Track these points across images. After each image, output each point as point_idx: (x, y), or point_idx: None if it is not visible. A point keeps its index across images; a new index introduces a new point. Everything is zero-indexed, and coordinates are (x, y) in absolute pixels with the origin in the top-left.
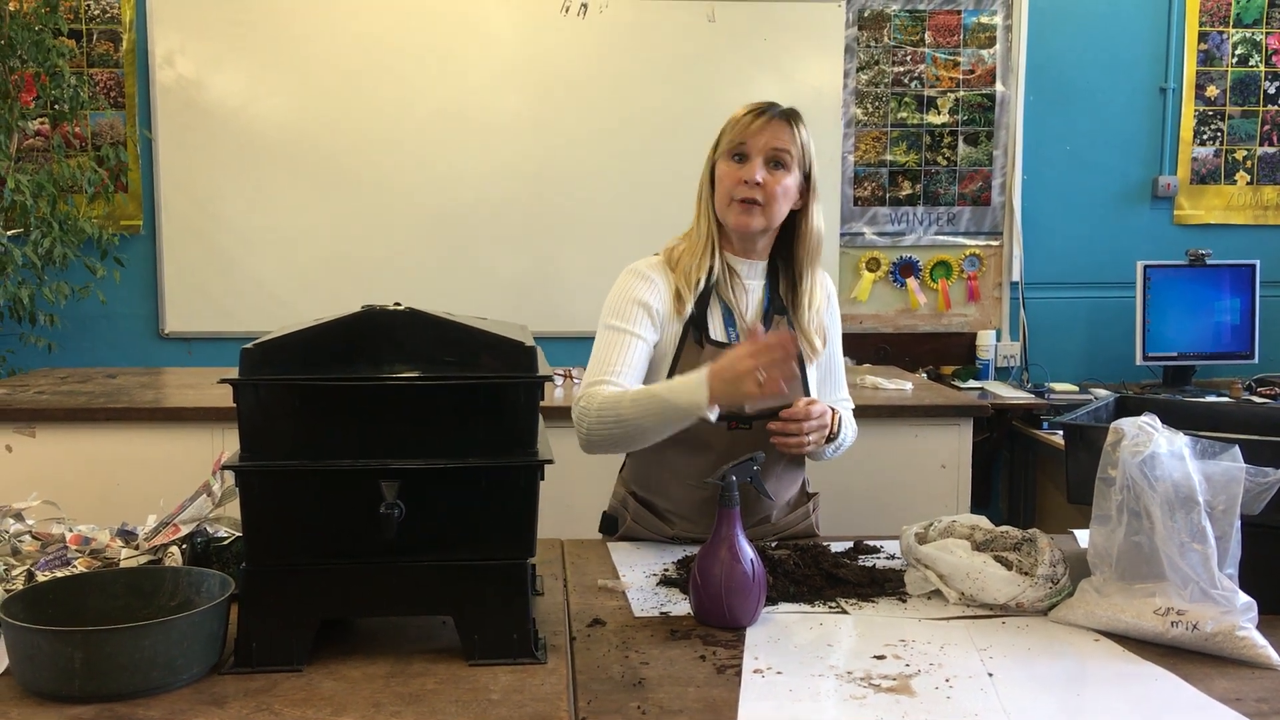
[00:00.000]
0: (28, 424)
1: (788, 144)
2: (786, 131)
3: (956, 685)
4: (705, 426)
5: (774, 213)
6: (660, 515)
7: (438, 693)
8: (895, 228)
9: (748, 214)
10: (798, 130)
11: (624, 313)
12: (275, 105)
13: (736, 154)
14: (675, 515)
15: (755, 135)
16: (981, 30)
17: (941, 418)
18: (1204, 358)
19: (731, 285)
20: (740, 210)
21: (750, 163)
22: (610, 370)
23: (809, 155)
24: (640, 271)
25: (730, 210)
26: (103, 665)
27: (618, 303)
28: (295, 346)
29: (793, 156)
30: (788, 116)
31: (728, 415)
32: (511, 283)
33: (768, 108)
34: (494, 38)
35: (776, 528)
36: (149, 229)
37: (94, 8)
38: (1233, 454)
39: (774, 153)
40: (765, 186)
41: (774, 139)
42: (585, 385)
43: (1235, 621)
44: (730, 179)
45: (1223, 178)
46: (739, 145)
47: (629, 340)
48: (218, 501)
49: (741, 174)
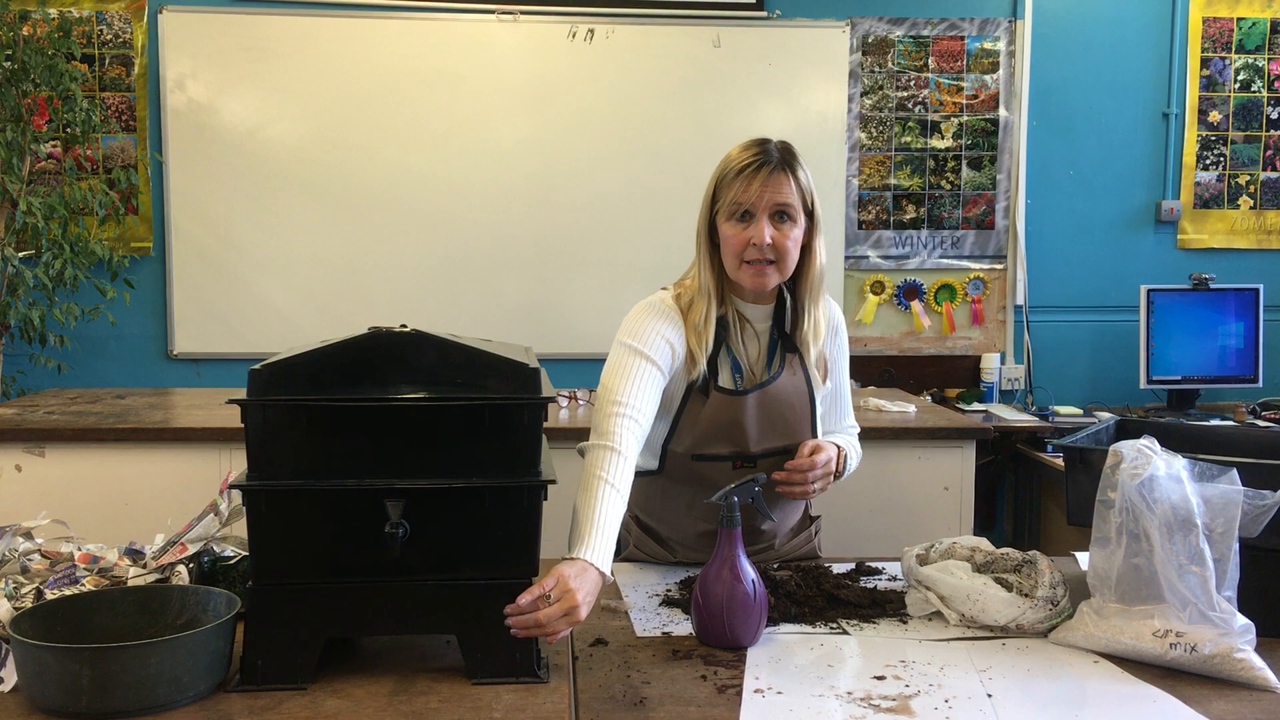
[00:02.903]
0: (37, 444)
1: (789, 196)
2: (787, 184)
3: (956, 706)
4: (709, 470)
5: (787, 266)
6: (662, 543)
7: (441, 711)
8: (899, 251)
9: (762, 275)
10: (797, 177)
11: (643, 336)
12: (285, 129)
13: (739, 214)
14: (678, 544)
15: (758, 196)
16: (985, 56)
17: (945, 440)
18: (1208, 381)
19: (741, 331)
20: (754, 273)
21: (756, 223)
22: (622, 393)
23: (810, 196)
24: (661, 309)
25: (743, 272)
26: (110, 682)
27: (640, 328)
28: (303, 367)
29: (797, 206)
30: (785, 164)
31: (731, 456)
32: (517, 305)
33: (763, 159)
34: (501, 63)
35: (779, 553)
36: (159, 251)
37: (106, 32)
38: (1231, 477)
39: (778, 208)
40: (775, 244)
41: (775, 194)
42: (597, 409)
43: (1233, 643)
44: (738, 242)
45: (1226, 202)
46: (741, 205)
47: (643, 366)
48: (225, 521)
49: (749, 236)
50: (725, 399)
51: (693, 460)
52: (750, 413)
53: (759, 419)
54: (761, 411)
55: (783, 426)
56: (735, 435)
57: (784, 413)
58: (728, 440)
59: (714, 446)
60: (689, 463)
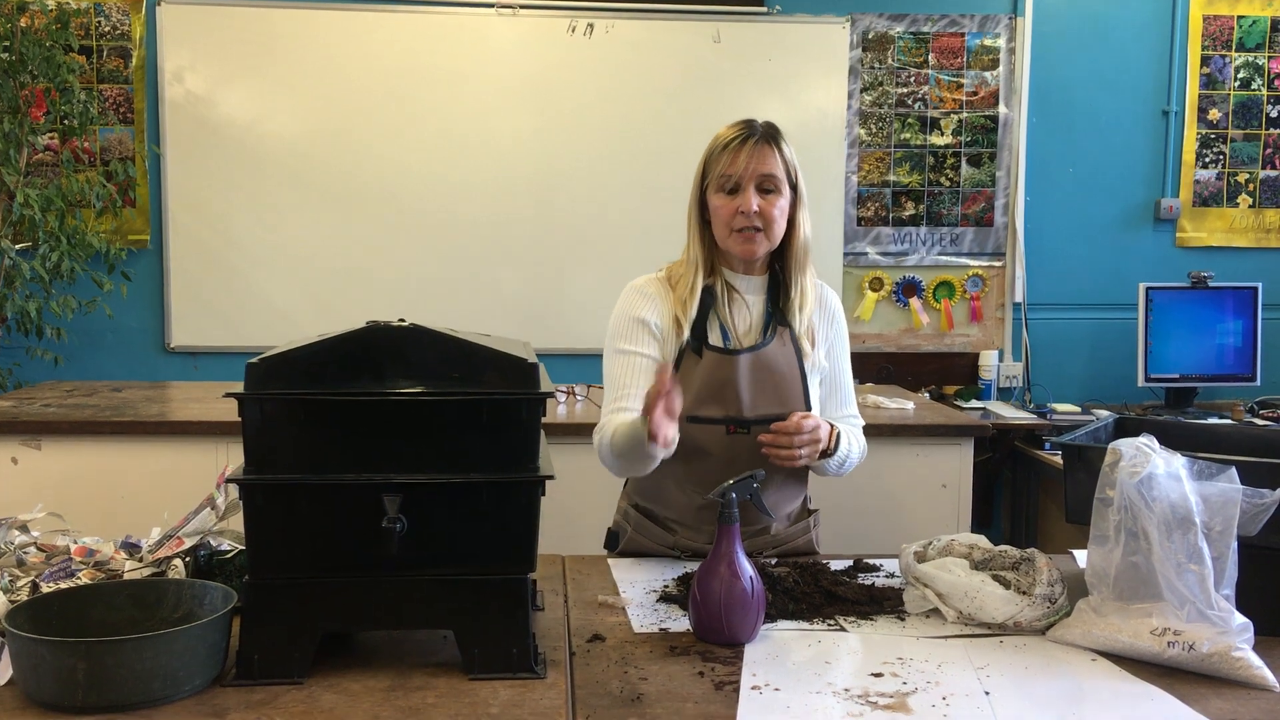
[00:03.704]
0: (34, 436)
1: (773, 168)
2: (771, 156)
3: (953, 703)
4: (703, 434)
5: (775, 234)
6: (661, 524)
7: (437, 706)
8: (898, 248)
9: (751, 242)
10: (781, 150)
11: (627, 334)
12: (283, 122)
13: (728, 187)
14: (676, 523)
15: (744, 167)
16: (985, 52)
17: (943, 437)
18: (1206, 380)
19: (730, 301)
20: (743, 240)
21: (743, 193)
22: (623, 396)
23: (794, 170)
24: (640, 289)
25: (732, 240)
26: (106, 676)
27: (620, 325)
28: (300, 361)
29: (781, 178)
30: (769, 138)
31: (725, 420)
32: (516, 300)
33: (748, 132)
34: (500, 56)
35: (776, 539)
36: (156, 244)
37: (104, 24)
38: (1230, 475)
39: (763, 179)
40: (762, 213)
41: (761, 165)
42: (603, 414)
43: (1231, 642)
44: (726, 211)
45: (1225, 200)
46: (729, 177)
47: (636, 361)
48: (221, 515)
49: (737, 205)
50: (718, 357)
51: (687, 423)
52: (742, 373)
53: (751, 382)
54: (754, 375)
55: (774, 393)
56: (728, 396)
57: (776, 380)
58: (720, 402)
59: (707, 408)
60: (683, 426)
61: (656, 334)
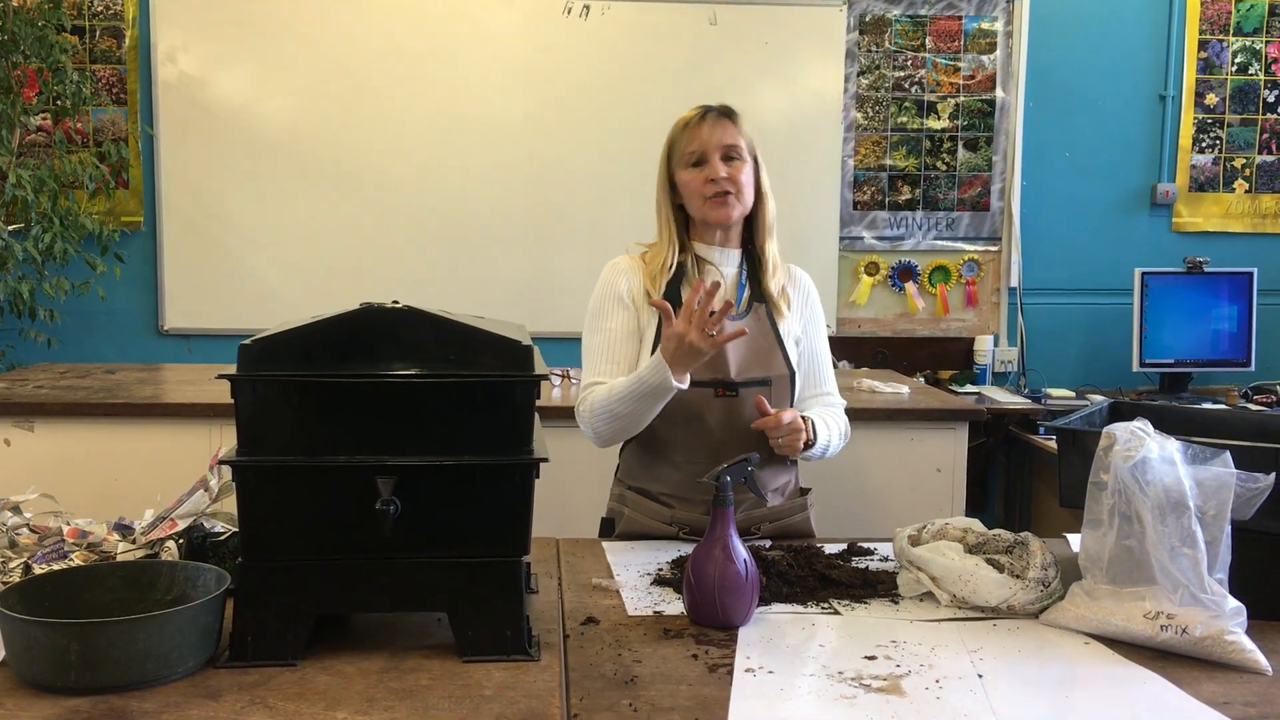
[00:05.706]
0: (27, 418)
1: (735, 138)
2: (731, 128)
3: (946, 686)
4: (694, 397)
5: (746, 198)
6: (657, 499)
7: (431, 688)
8: (894, 232)
9: (725, 205)
10: (738, 123)
11: (602, 311)
12: (277, 104)
13: (694, 160)
14: (672, 497)
15: (707, 138)
16: (982, 36)
17: (938, 422)
18: (1201, 365)
19: (702, 274)
20: (716, 205)
21: (710, 162)
22: (600, 371)
23: (751, 144)
24: (616, 266)
25: (708, 207)
26: (98, 657)
27: (596, 304)
28: (293, 343)
29: (743, 148)
30: (727, 114)
31: (713, 383)
32: (511, 283)
33: (706, 110)
34: (496, 38)
35: (770, 514)
36: (149, 225)
37: (97, 4)
38: (1224, 459)
39: (726, 149)
40: (731, 178)
41: (723, 136)
42: (582, 388)
43: (1224, 626)
44: (697, 182)
45: (1221, 185)
46: (694, 152)
47: (610, 336)
48: (214, 496)
49: (706, 174)
50: None
51: None
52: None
53: (734, 345)
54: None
55: (756, 358)
56: (716, 360)
57: (758, 342)
58: (709, 366)
59: (697, 371)
60: None
61: (630, 303)
